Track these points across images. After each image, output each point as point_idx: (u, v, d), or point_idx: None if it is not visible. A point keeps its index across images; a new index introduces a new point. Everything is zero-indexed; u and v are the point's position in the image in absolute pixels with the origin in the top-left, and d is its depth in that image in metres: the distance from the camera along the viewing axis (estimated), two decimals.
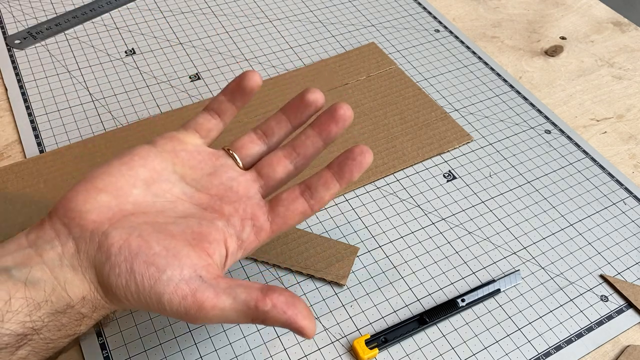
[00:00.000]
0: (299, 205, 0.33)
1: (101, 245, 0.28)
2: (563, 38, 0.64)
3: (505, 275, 0.42)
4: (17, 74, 0.54)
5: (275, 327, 0.38)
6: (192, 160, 0.34)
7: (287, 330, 0.38)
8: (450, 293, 0.41)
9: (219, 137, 0.37)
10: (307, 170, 0.42)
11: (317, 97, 0.35)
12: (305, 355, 0.37)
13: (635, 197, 0.48)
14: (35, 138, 0.49)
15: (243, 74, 0.36)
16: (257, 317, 0.28)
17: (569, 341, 0.39)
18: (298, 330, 0.29)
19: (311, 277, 0.41)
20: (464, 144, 0.51)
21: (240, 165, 0.35)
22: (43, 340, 0.27)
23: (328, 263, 0.42)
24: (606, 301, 0.42)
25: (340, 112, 0.34)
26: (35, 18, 0.60)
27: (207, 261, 0.30)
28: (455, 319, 0.40)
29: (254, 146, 0.35)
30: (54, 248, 0.28)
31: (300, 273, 0.41)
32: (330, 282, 0.41)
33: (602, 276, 0.43)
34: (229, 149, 0.35)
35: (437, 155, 0.50)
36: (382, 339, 0.38)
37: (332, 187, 0.33)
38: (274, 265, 0.42)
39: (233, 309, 0.28)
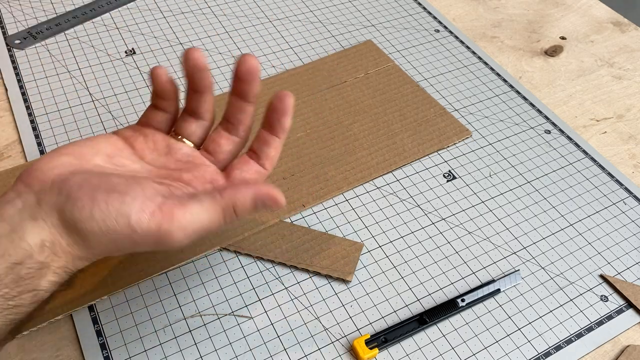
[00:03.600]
0: (252, 166, 0.35)
1: (61, 189, 0.29)
2: (563, 38, 0.64)
3: (505, 275, 0.42)
4: (17, 74, 0.54)
5: (275, 327, 0.38)
6: (149, 142, 0.35)
7: (287, 329, 0.38)
8: (450, 293, 0.41)
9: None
10: None
11: (195, 61, 0.34)
12: (305, 355, 0.37)
13: (635, 197, 0.48)
14: (36, 138, 0.49)
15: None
16: (227, 206, 0.30)
17: (568, 341, 0.39)
18: (269, 199, 0.31)
19: (315, 275, 0.41)
20: (463, 143, 0.51)
21: (191, 145, 0.36)
22: (2, 296, 0.28)
23: (333, 260, 0.42)
24: (606, 301, 0.42)
25: (243, 68, 0.33)
26: (36, 18, 0.60)
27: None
28: (455, 319, 0.40)
29: (189, 125, 0.36)
30: (14, 206, 0.29)
31: (306, 270, 0.41)
32: (330, 282, 0.41)
33: (602, 276, 0.43)
34: (176, 133, 0.36)
35: (437, 150, 0.50)
36: (382, 339, 0.38)
37: (272, 142, 0.35)
38: (279, 264, 0.42)
39: (203, 209, 0.30)
